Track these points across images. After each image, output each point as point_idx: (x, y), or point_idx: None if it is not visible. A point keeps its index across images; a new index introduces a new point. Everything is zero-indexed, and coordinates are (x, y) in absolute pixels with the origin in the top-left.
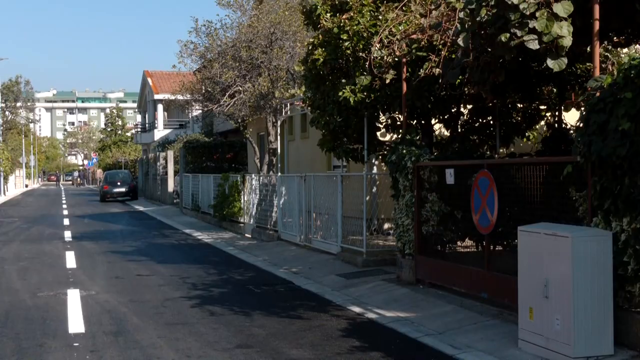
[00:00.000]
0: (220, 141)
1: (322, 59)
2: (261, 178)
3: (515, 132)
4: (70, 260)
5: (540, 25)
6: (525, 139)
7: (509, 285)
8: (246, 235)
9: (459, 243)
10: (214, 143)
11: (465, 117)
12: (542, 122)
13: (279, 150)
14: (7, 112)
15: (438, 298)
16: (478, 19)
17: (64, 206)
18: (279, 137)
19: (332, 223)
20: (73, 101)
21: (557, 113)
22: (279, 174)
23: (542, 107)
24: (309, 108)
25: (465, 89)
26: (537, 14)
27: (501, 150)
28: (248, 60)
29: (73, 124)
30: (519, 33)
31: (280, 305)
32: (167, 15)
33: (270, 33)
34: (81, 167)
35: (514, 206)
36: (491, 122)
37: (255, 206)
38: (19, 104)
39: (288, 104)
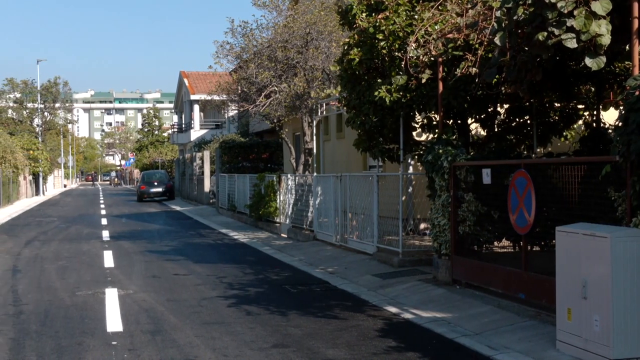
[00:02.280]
0: (256, 141)
1: (357, 59)
2: (297, 178)
3: (553, 132)
4: (108, 259)
5: (578, 23)
6: (562, 139)
7: (547, 285)
8: (282, 235)
9: (495, 243)
10: (249, 143)
11: (502, 116)
12: (580, 122)
13: (314, 150)
14: (46, 113)
15: (475, 298)
16: (515, 17)
17: (102, 206)
18: (314, 137)
19: (368, 223)
20: (110, 102)
21: (595, 112)
22: (315, 174)
23: (579, 106)
24: (345, 108)
25: (502, 88)
26: (575, 12)
27: (538, 150)
28: (284, 60)
29: (110, 124)
30: (556, 32)
31: (316, 305)
32: (204, 16)
33: (305, 33)
34: (118, 167)
35: (551, 206)
36: (528, 121)
37: (291, 206)
38: (57, 105)
39: (324, 104)
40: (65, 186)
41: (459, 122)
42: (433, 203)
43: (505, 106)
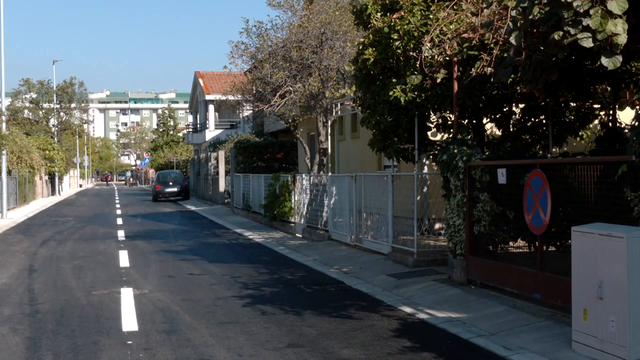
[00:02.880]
0: (271, 141)
1: (372, 59)
2: (312, 178)
3: (569, 132)
4: (124, 259)
5: (594, 22)
6: (578, 138)
7: (563, 286)
8: (297, 235)
9: (511, 243)
10: (264, 143)
11: (517, 116)
12: (596, 121)
13: (329, 150)
14: (61, 113)
15: (490, 299)
16: (530, 17)
17: (117, 206)
18: (329, 137)
19: (383, 223)
20: (126, 102)
21: (611, 112)
22: (330, 173)
23: (595, 105)
24: (360, 108)
25: (517, 87)
26: (591, 12)
27: (554, 150)
28: (298, 60)
29: (126, 124)
30: (572, 31)
31: (331, 305)
32: (218, 17)
33: (320, 33)
34: (134, 167)
35: (567, 206)
36: (544, 121)
37: (305, 206)
38: (73, 105)
39: (338, 104)
40: (80, 186)
41: (474, 121)
42: (448, 203)
43: (521, 106)
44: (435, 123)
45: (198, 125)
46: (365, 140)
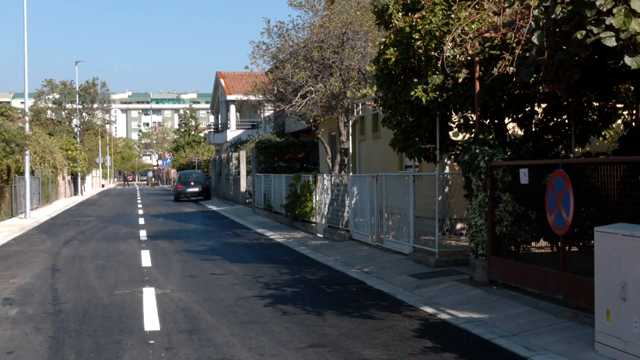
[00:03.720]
0: (292, 141)
1: (394, 59)
2: (333, 178)
3: (591, 131)
4: (146, 258)
5: (617, 21)
6: (601, 138)
7: (585, 286)
8: (318, 235)
9: (533, 243)
10: (285, 143)
11: (539, 116)
12: (619, 121)
13: (350, 150)
14: (84, 114)
15: (512, 299)
16: (553, 16)
17: (139, 206)
18: (350, 137)
19: (404, 223)
20: (147, 102)
21: (634, 111)
22: (351, 173)
23: (618, 105)
24: (381, 108)
25: (540, 87)
26: (614, 10)
27: (577, 150)
28: (320, 60)
29: (147, 124)
30: (595, 30)
31: (352, 305)
32: (240, 17)
33: (341, 33)
34: (155, 167)
35: (590, 206)
36: (566, 120)
37: (326, 206)
38: (95, 106)
39: (360, 104)
40: (103, 186)
41: (496, 121)
42: (470, 203)
43: (543, 105)
44: (456, 123)
45: (219, 126)
46: (387, 140)
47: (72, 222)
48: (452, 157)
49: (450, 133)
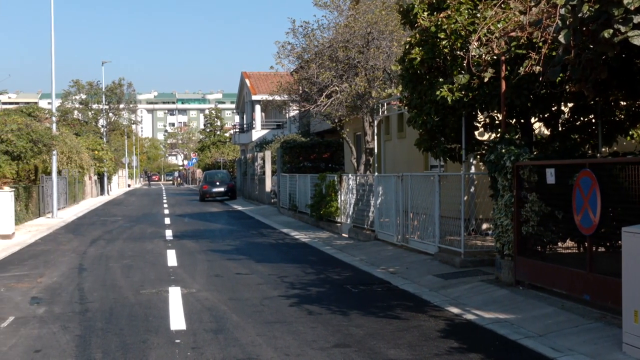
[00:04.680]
0: (317, 141)
1: (419, 58)
2: (358, 178)
3: (619, 131)
4: (172, 258)
5: None
6: (628, 138)
7: (613, 287)
8: (343, 234)
9: (559, 244)
10: (310, 143)
11: (566, 115)
12: None
13: (375, 150)
14: (110, 114)
15: (538, 300)
16: (580, 15)
17: (165, 205)
18: (375, 137)
19: (430, 223)
20: (173, 102)
21: None
22: (376, 173)
23: None
24: (406, 107)
25: (566, 86)
26: None
27: (603, 149)
28: (345, 60)
29: (173, 124)
30: (622, 29)
31: (377, 305)
32: (265, 17)
33: (367, 33)
34: (181, 167)
35: (617, 206)
36: (593, 120)
37: (352, 206)
38: (121, 106)
39: (385, 104)
40: (129, 186)
41: (522, 121)
42: (495, 203)
43: (570, 105)
44: (482, 123)
45: (245, 126)
46: (412, 140)
47: (99, 222)
48: (478, 157)
49: (476, 133)
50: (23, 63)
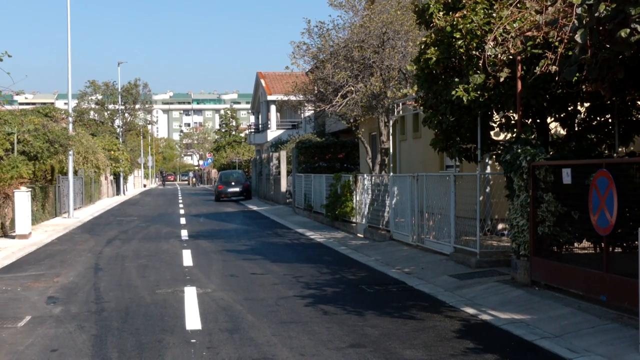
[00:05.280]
0: (332, 141)
1: (434, 58)
2: (373, 178)
3: (636, 130)
4: (187, 258)
5: None
6: None
7: (629, 288)
8: (358, 235)
9: (575, 244)
10: (326, 143)
11: (582, 115)
12: None
13: (391, 150)
14: (126, 114)
15: (554, 300)
16: (596, 14)
17: (180, 205)
18: (391, 137)
19: (445, 223)
20: (189, 103)
21: None
22: (391, 173)
23: None
24: (422, 107)
25: (583, 86)
26: None
27: (620, 149)
28: (360, 60)
29: (189, 125)
30: (639, 28)
31: (392, 306)
32: (280, 17)
33: (382, 33)
34: (196, 167)
35: (634, 206)
36: (610, 120)
37: (367, 206)
38: (137, 106)
39: (400, 104)
40: (144, 186)
41: (538, 121)
42: (511, 203)
43: (586, 105)
44: (498, 122)
45: (260, 126)
46: (427, 140)
47: (115, 222)
48: (494, 157)
49: (492, 133)
50: (40, 64)
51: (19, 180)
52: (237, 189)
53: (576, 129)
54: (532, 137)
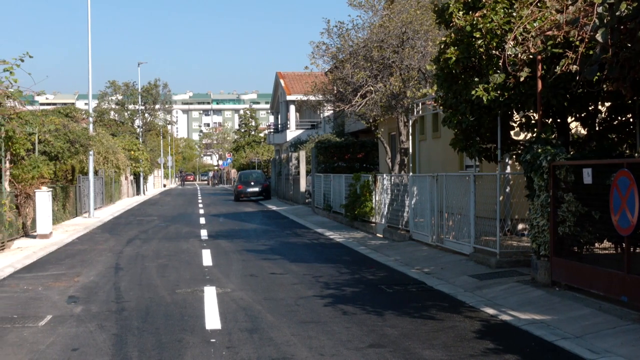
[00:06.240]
0: (352, 141)
1: (454, 58)
2: (392, 178)
3: None
4: (207, 258)
5: None
6: None
7: None
8: (377, 235)
9: (596, 244)
10: (345, 143)
11: (603, 114)
12: None
13: (410, 150)
14: (146, 114)
15: (575, 301)
16: (617, 13)
17: (200, 205)
18: (410, 137)
19: (465, 223)
20: (208, 103)
21: None
22: (411, 173)
23: None
24: (441, 107)
25: (604, 85)
26: None
27: None
28: (379, 60)
29: (208, 125)
30: None
31: (412, 306)
32: (299, 18)
33: (401, 32)
34: (216, 167)
35: None
36: (631, 119)
37: (386, 206)
38: (157, 106)
39: (420, 104)
40: (164, 186)
41: (559, 120)
42: (532, 203)
43: (607, 104)
44: (518, 122)
45: (279, 126)
46: (447, 140)
47: (135, 222)
48: (514, 156)
49: (512, 132)
50: (60, 64)
51: (40, 180)
52: (256, 189)
53: (597, 128)
54: (553, 136)
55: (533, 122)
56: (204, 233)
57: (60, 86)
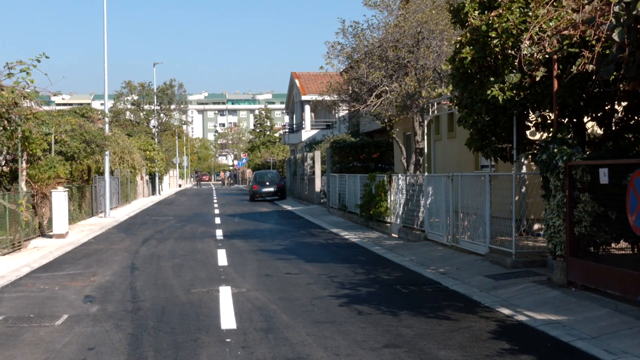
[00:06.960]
0: (367, 141)
1: (470, 57)
2: (408, 178)
3: None
4: (222, 258)
5: None
6: None
7: None
8: (392, 235)
9: (613, 245)
10: (360, 143)
11: (619, 114)
12: None
13: (425, 150)
14: (162, 114)
15: (591, 301)
16: (634, 12)
17: (215, 205)
18: (425, 137)
19: (480, 223)
20: (223, 103)
21: None
22: (426, 173)
23: None
24: (457, 107)
25: (620, 85)
26: None
27: None
28: (395, 60)
29: (223, 125)
30: None
31: (427, 306)
32: (315, 18)
33: (417, 32)
34: (231, 167)
35: None
36: None
37: (401, 206)
38: (172, 107)
39: (435, 104)
40: (180, 186)
41: (575, 120)
42: (547, 203)
43: (624, 104)
44: (534, 122)
45: (294, 126)
46: (462, 140)
47: (150, 222)
48: (529, 156)
49: (527, 132)
50: (76, 65)
51: (56, 180)
52: (271, 189)
53: (613, 128)
54: (569, 136)
55: (549, 121)
56: (219, 233)
57: (76, 87)
